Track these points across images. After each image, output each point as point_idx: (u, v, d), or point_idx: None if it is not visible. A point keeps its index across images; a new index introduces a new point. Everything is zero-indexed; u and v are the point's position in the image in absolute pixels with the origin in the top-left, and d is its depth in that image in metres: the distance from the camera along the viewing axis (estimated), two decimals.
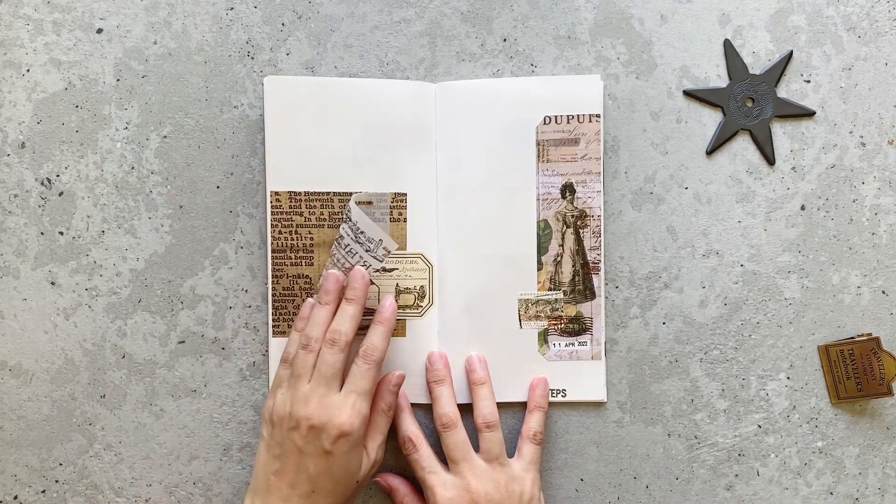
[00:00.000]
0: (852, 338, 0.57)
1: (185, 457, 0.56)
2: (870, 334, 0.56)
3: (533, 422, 0.54)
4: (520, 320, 0.56)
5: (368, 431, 0.51)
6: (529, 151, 0.56)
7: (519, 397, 0.56)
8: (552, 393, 0.56)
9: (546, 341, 0.56)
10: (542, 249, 0.56)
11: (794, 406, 0.57)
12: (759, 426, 0.57)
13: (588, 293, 0.56)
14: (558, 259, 0.56)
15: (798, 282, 0.57)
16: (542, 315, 0.56)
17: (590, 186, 0.56)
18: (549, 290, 0.56)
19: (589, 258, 0.56)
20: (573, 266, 0.56)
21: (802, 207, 0.57)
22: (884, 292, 0.57)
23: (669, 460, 0.57)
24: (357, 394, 0.49)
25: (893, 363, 0.56)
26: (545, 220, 0.56)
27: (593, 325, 0.56)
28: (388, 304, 0.53)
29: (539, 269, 0.56)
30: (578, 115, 0.55)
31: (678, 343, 0.57)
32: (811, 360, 0.57)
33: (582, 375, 0.56)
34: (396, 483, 0.54)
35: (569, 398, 0.56)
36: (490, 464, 0.52)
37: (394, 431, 0.54)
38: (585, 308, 0.56)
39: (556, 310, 0.56)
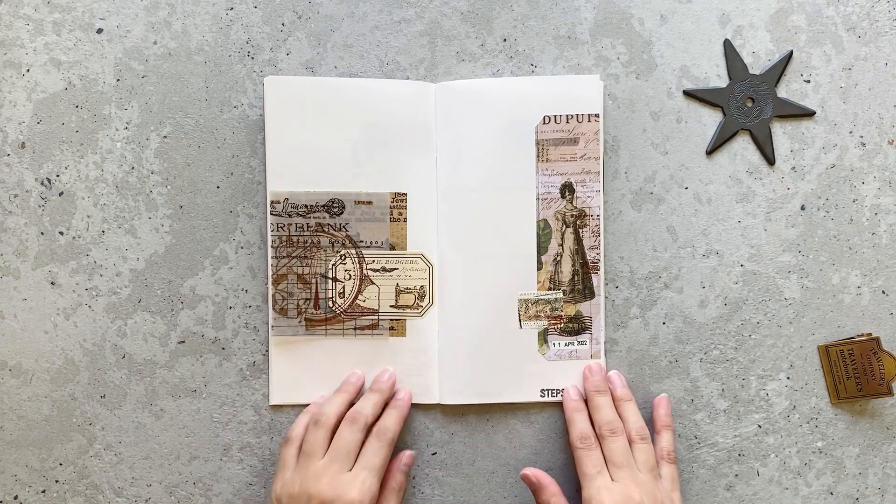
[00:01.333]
0: (852, 338, 0.57)
1: (185, 457, 0.56)
2: (870, 334, 0.56)
3: (664, 441, 0.54)
4: (520, 320, 0.56)
5: None
6: (529, 151, 0.56)
7: (519, 398, 0.56)
8: (551, 393, 0.56)
9: (546, 341, 0.56)
10: (541, 249, 0.56)
11: (794, 406, 0.57)
12: (759, 426, 0.57)
13: (588, 292, 0.56)
14: (558, 259, 0.56)
15: (798, 282, 0.57)
16: (542, 315, 0.56)
17: (589, 186, 0.56)
18: (549, 289, 0.56)
19: (588, 258, 0.56)
20: (573, 266, 0.56)
21: (802, 207, 0.57)
22: (884, 292, 0.57)
23: None
24: (368, 471, 0.50)
25: (893, 363, 0.56)
26: (545, 220, 0.56)
27: (593, 324, 0.56)
28: (404, 394, 0.55)
29: (539, 268, 0.56)
30: (578, 115, 0.55)
31: (678, 343, 0.57)
32: (811, 360, 0.57)
33: (579, 374, 0.56)
34: (547, 481, 0.54)
35: None
36: (648, 475, 0.52)
37: None
38: (585, 307, 0.56)
39: (556, 309, 0.56)
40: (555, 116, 0.55)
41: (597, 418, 0.54)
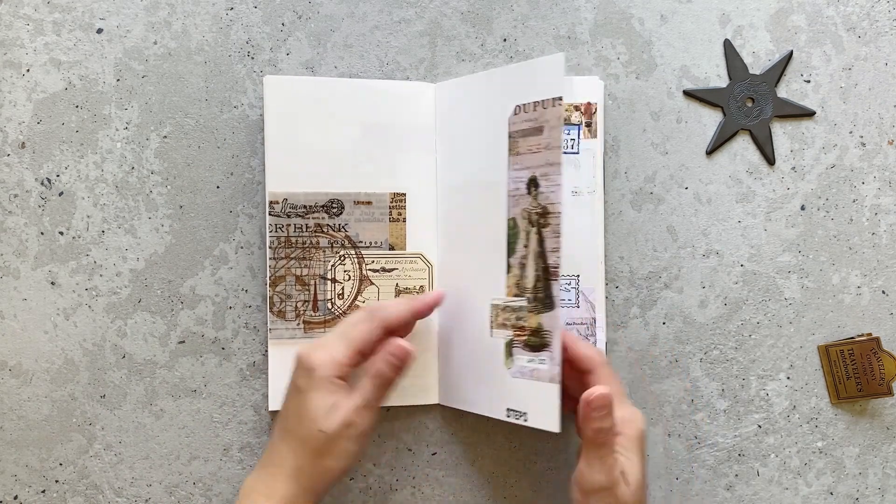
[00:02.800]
0: (852, 338, 0.57)
1: (185, 457, 0.56)
2: (870, 334, 0.56)
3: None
4: (490, 327, 0.52)
5: (352, 391, 0.48)
6: (504, 145, 0.52)
7: (489, 413, 0.52)
8: (517, 415, 0.50)
9: (511, 354, 0.51)
10: (510, 250, 0.51)
11: (794, 406, 0.57)
12: (759, 426, 0.57)
13: (547, 302, 0.49)
14: (524, 262, 0.50)
15: (798, 282, 0.57)
16: (508, 323, 0.51)
17: (551, 179, 0.48)
18: (516, 295, 0.51)
19: (549, 262, 0.49)
20: (536, 270, 0.50)
21: (802, 207, 0.57)
22: (884, 292, 0.57)
23: (669, 460, 0.57)
24: (337, 336, 0.48)
25: (893, 363, 0.56)
26: (513, 219, 0.51)
27: (553, 341, 0.48)
28: (433, 292, 0.54)
29: (508, 272, 0.51)
30: (543, 101, 0.49)
31: (678, 343, 0.57)
32: (811, 360, 0.57)
33: (538, 399, 0.49)
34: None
35: (529, 423, 0.50)
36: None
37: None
38: (546, 320, 0.49)
39: (521, 319, 0.50)
40: (524, 106, 0.50)
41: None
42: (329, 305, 0.56)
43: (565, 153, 0.56)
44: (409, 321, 0.51)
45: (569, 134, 0.56)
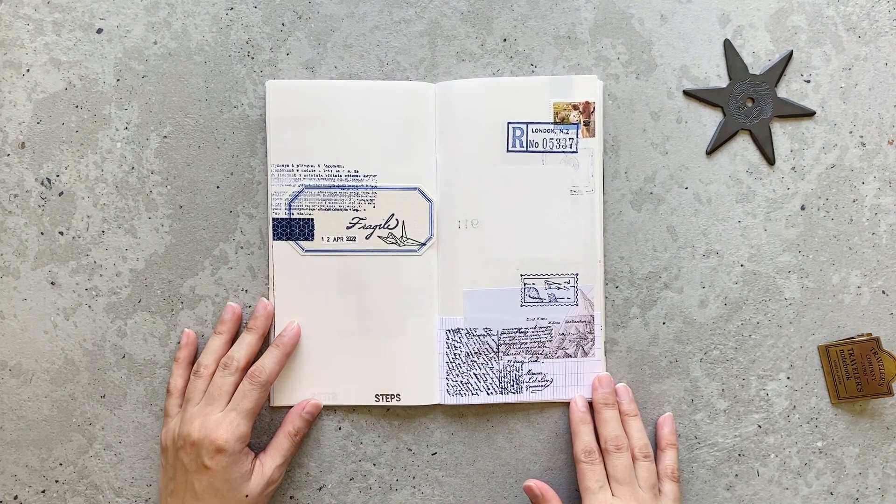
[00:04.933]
0: (852, 338, 0.57)
1: None
2: (870, 334, 0.56)
3: (668, 459, 0.55)
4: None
5: (269, 450, 0.53)
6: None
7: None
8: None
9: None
10: None
11: (794, 406, 0.57)
12: (759, 426, 0.57)
13: None
14: None
15: (798, 282, 0.57)
16: None
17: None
18: None
19: None
20: None
21: (802, 207, 0.57)
22: (884, 292, 0.57)
23: None
24: (237, 412, 0.51)
25: (893, 363, 0.56)
26: None
27: None
28: (289, 329, 0.55)
29: None
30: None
31: (678, 343, 0.57)
32: (811, 360, 0.57)
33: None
34: (550, 494, 0.54)
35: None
36: (649, 493, 0.52)
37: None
38: None
39: None
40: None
41: (603, 432, 0.54)
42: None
43: (563, 152, 0.56)
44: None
45: (567, 133, 0.56)
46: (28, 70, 0.56)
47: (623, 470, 0.52)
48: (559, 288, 0.56)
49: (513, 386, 0.56)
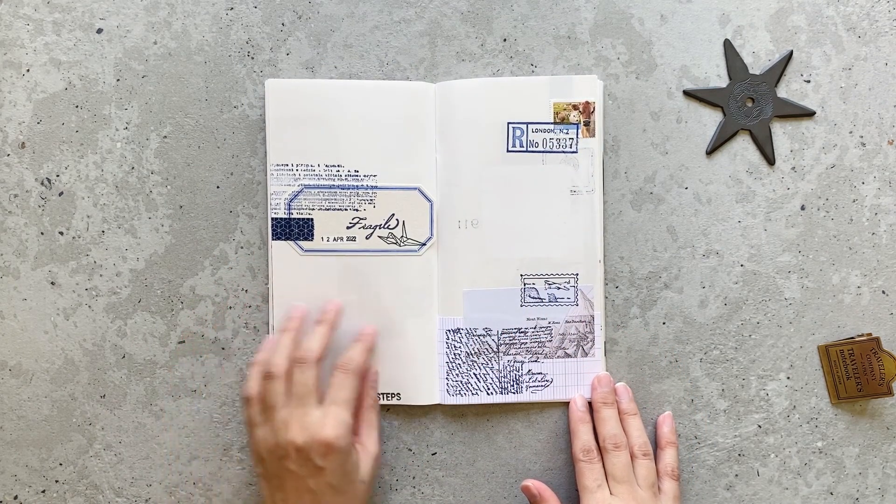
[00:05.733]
0: (852, 338, 0.57)
1: (185, 457, 0.56)
2: (870, 334, 0.56)
3: (668, 458, 0.55)
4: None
5: (362, 428, 0.53)
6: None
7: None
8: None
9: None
10: None
11: (794, 406, 0.57)
12: (759, 426, 0.57)
13: None
14: None
15: (798, 282, 0.57)
16: None
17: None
18: None
19: None
20: None
21: (802, 207, 0.57)
22: (884, 292, 0.57)
23: None
24: (337, 405, 0.50)
25: (893, 363, 0.56)
26: None
27: None
28: (370, 328, 0.55)
29: None
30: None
31: (678, 343, 0.57)
32: (811, 360, 0.57)
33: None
34: (548, 494, 0.54)
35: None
36: (648, 491, 0.52)
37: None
38: None
39: None
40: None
41: (601, 431, 0.54)
42: None
43: (563, 152, 0.56)
44: None
45: (567, 133, 0.56)
46: (28, 70, 0.56)
47: (621, 468, 0.52)
48: (559, 288, 0.56)
49: (513, 386, 0.56)
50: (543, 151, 0.56)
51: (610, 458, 0.53)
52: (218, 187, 0.56)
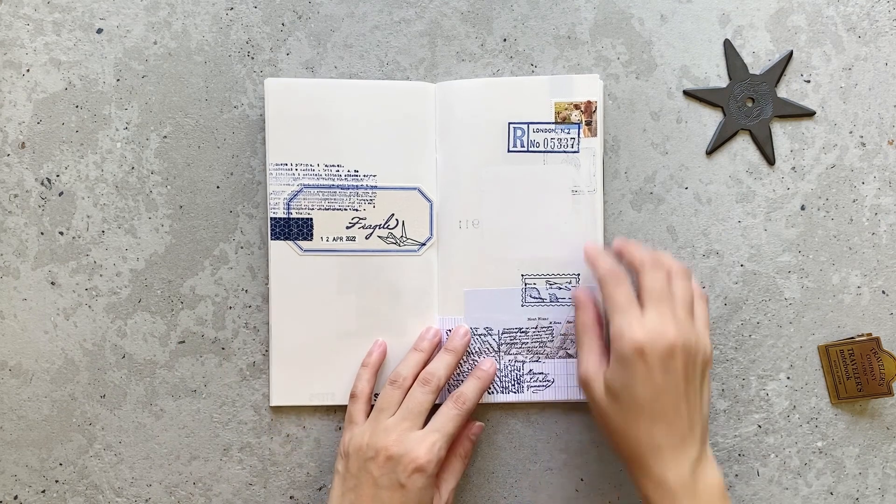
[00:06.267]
0: (852, 338, 0.57)
1: (185, 457, 0.56)
2: (870, 334, 0.56)
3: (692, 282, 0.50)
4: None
5: (443, 474, 0.52)
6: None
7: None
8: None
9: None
10: None
11: (794, 406, 0.57)
12: (759, 426, 0.57)
13: None
14: None
15: (798, 282, 0.57)
16: None
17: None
18: None
19: None
20: None
21: (802, 207, 0.57)
22: (884, 292, 0.57)
23: None
24: (440, 434, 0.50)
25: (893, 363, 0.56)
26: None
27: None
28: (488, 365, 0.55)
29: None
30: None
31: None
32: (811, 360, 0.57)
33: None
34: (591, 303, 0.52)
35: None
36: (685, 314, 0.47)
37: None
38: None
39: None
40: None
41: (633, 256, 0.49)
42: None
43: (565, 152, 0.56)
44: None
45: (568, 133, 0.56)
46: (28, 70, 0.56)
47: (659, 284, 0.47)
48: (560, 288, 0.56)
49: (514, 386, 0.56)
50: (544, 151, 0.56)
51: (646, 274, 0.48)
52: (218, 187, 0.56)
